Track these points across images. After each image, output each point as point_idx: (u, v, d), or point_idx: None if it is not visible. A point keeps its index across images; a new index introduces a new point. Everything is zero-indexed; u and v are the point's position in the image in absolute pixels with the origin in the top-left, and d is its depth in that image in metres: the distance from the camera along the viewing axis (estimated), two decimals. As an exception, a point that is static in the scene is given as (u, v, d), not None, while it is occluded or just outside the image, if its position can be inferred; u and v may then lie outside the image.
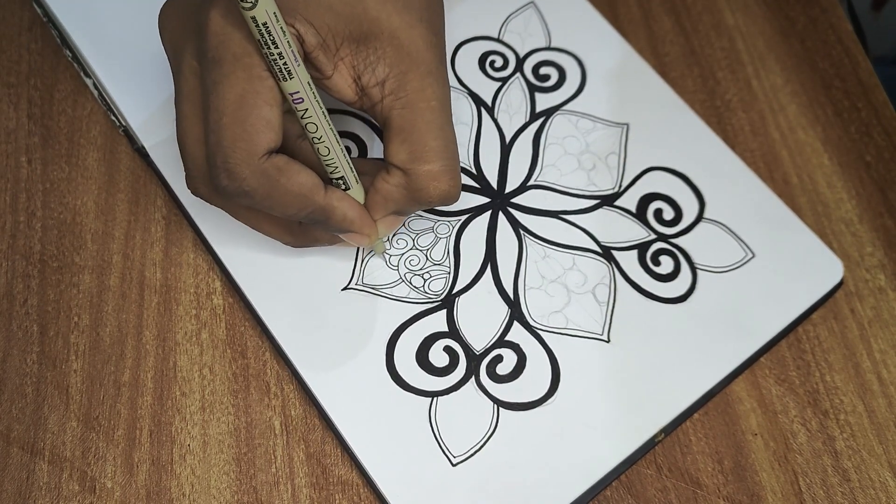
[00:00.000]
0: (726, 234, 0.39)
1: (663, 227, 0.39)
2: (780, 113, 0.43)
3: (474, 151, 0.39)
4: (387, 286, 0.36)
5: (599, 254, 0.38)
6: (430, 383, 0.34)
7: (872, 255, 0.40)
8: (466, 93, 0.41)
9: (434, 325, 0.35)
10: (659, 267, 0.38)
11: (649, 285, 0.37)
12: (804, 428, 0.36)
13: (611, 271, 0.37)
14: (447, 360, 0.35)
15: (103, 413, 0.34)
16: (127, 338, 0.35)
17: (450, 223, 0.37)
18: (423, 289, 0.36)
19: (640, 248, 0.38)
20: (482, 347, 0.35)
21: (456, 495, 0.32)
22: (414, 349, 0.35)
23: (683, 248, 0.38)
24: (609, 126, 0.41)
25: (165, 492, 0.32)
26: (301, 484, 0.33)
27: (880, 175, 0.42)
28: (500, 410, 0.34)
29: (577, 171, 0.39)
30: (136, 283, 0.36)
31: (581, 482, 0.33)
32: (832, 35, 0.46)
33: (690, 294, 0.37)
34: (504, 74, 0.41)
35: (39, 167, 0.38)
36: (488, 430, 0.34)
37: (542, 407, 0.34)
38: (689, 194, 0.39)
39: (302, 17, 0.28)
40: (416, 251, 0.37)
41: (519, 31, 0.43)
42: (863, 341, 0.38)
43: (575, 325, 0.36)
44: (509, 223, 0.38)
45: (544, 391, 0.35)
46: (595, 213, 0.39)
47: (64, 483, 0.32)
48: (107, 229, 0.37)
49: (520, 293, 0.36)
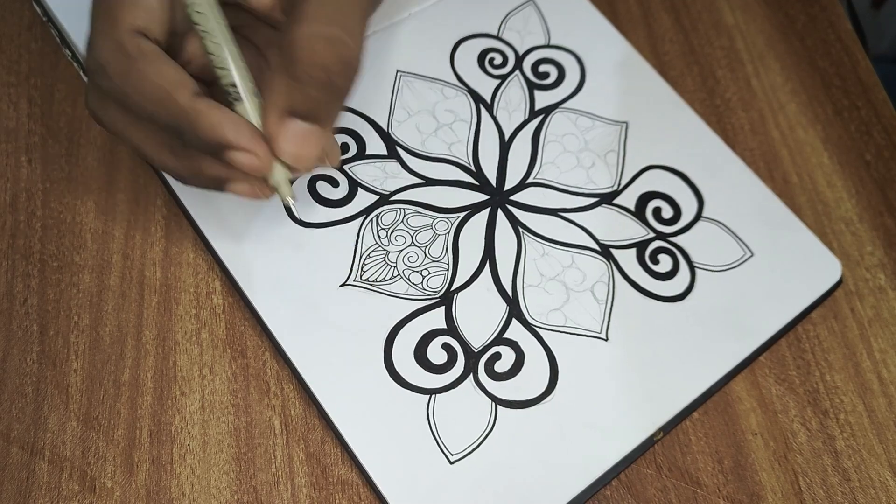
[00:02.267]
0: (725, 234, 0.39)
1: (662, 226, 0.39)
2: (779, 112, 0.43)
3: (473, 148, 0.39)
4: (385, 282, 0.36)
5: (598, 252, 0.38)
6: (428, 381, 0.34)
7: (872, 254, 0.40)
8: (466, 90, 0.41)
9: (432, 322, 0.35)
10: (658, 265, 0.38)
11: (648, 284, 0.37)
12: (804, 427, 0.36)
13: (610, 269, 0.37)
14: (445, 357, 0.35)
15: (103, 413, 0.34)
16: (127, 337, 0.35)
17: (449, 220, 0.37)
18: (421, 285, 0.36)
19: (638, 246, 0.38)
20: (480, 345, 0.35)
21: (454, 493, 0.32)
22: (412, 346, 0.35)
23: (682, 246, 0.38)
24: (608, 124, 0.41)
25: (165, 491, 0.32)
26: (301, 483, 0.33)
27: (880, 174, 0.42)
28: (499, 408, 0.34)
29: (577, 168, 0.39)
30: (136, 283, 0.36)
31: (579, 480, 0.33)
32: (832, 34, 0.46)
33: (689, 293, 0.37)
34: (503, 72, 0.41)
35: (39, 167, 0.38)
36: (486, 428, 0.34)
37: (540, 405, 0.34)
38: (687, 193, 0.39)
39: None
40: (414, 248, 0.37)
41: (518, 29, 0.43)
42: (863, 341, 0.38)
43: (574, 323, 0.36)
44: (508, 221, 0.38)
45: (542, 389, 0.35)
46: (594, 211, 0.39)
47: (64, 483, 0.32)
48: (107, 229, 0.37)
49: (518, 291, 0.36)
